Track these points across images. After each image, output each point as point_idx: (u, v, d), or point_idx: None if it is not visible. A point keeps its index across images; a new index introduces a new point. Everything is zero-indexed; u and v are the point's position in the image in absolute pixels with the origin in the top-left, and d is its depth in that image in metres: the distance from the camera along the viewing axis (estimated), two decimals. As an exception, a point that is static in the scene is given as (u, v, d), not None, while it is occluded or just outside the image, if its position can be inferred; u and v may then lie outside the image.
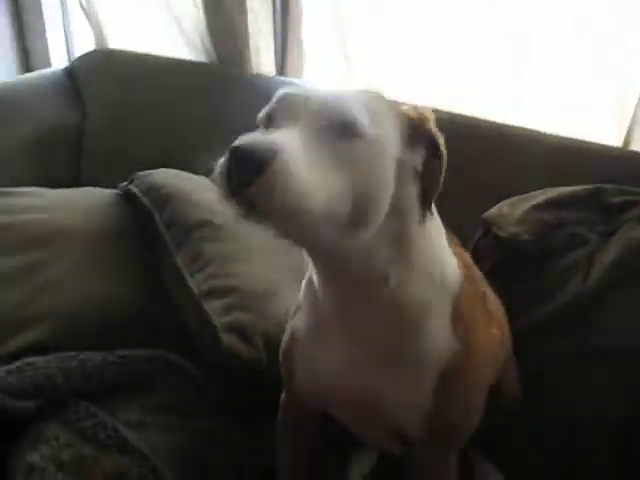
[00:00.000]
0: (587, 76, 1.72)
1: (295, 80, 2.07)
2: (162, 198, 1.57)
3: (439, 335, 1.00)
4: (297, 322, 1.11)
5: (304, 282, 1.10)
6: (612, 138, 1.69)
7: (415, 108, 0.95)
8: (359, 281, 0.95)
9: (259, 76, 2.13)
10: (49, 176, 2.23)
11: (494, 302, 1.23)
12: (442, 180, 0.95)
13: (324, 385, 1.07)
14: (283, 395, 1.23)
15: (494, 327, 1.15)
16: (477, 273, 1.17)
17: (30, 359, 1.30)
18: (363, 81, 2.00)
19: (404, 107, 0.94)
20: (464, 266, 1.08)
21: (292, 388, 1.15)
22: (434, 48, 1.90)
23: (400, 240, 0.95)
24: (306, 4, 2.06)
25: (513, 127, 1.72)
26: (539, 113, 1.78)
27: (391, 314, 0.98)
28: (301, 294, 1.11)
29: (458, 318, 1.02)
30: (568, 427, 1.41)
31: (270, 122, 0.87)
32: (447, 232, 1.06)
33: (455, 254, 1.06)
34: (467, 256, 1.17)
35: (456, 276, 1.04)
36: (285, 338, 1.14)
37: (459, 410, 1.05)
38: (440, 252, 1.02)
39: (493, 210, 1.52)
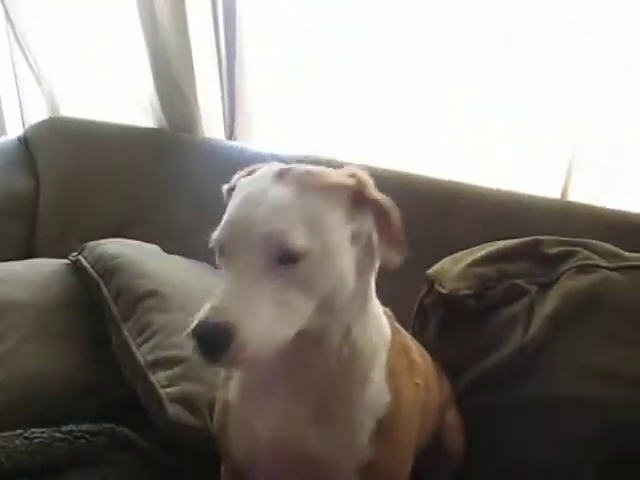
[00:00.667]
0: (526, 128, 1.79)
1: (243, 145, 2.11)
2: (110, 269, 1.58)
3: (378, 385, 1.04)
4: (229, 391, 1.11)
5: None
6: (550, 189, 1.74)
7: (352, 175, 0.97)
8: (322, 339, 0.98)
9: (209, 140, 2.17)
10: (2, 245, 2.24)
11: (417, 353, 1.25)
12: (400, 229, 0.98)
13: (259, 448, 1.07)
14: (222, 466, 1.22)
15: (418, 377, 1.17)
16: (397, 325, 1.19)
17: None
18: (310, 142, 2.05)
19: (339, 177, 0.96)
20: (388, 319, 1.12)
21: (228, 457, 1.15)
22: (377, 104, 1.96)
23: (363, 296, 1.01)
24: (252, 68, 2.11)
25: (460, 184, 1.77)
26: (478, 165, 1.83)
27: (344, 365, 1.01)
28: None
29: (391, 373, 1.06)
30: (517, 473, 1.43)
31: (223, 252, 0.92)
32: None
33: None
34: (386, 309, 1.18)
35: (388, 329, 1.09)
36: (217, 409, 1.14)
37: (394, 457, 1.07)
38: (379, 307, 1.08)
39: (435, 267, 1.56)
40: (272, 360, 0.95)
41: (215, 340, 0.83)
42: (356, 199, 0.95)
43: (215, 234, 0.93)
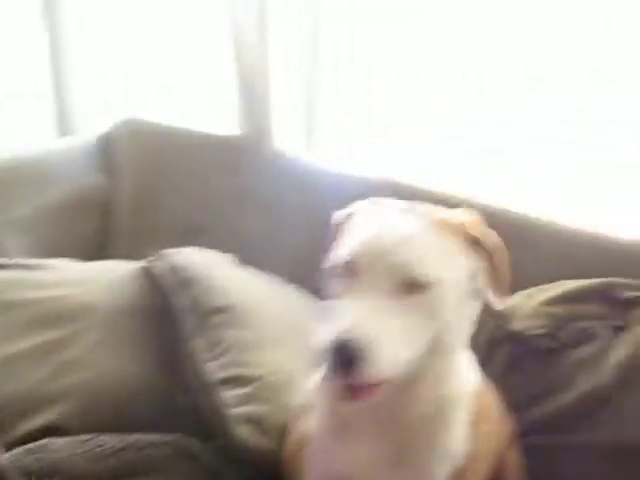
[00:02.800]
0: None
1: (320, 161, 2.13)
2: (183, 281, 1.60)
3: (460, 433, 1.06)
4: (310, 423, 1.13)
5: (319, 382, 1.13)
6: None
7: (467, 216, 1.03)
8: (420, 381, 1.01)
9: (284, 155, 2.19)
10: (78, 241, 2.30)
11: (492, 398, 1.25)
12: (508, 272, 1.05)
13: None
14: None
15: (495, 426, 1.19)
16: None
17: (48, 440, 1.34)
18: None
19: (459, 218, 1.02)
20: None
21: None
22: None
23: (461, 339, 1.05)
24: (335, 85, 2.12)
25: (531, 218, 1.75)
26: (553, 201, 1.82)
27: (430, 408, 1.03)
28: (314, 394, 1.14)
29: (472, 420, 1.08)
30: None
31: (349, 272, 0.95)
32: None
33: None
34: None
35: (474, 373, 1.12)
36: (292, 440, 1.16)
37: None
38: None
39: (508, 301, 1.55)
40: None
41: (350, 355, 0.86)
42: (473, 240, 1.00)
43: (343, 253, 0.96)
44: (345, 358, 0.86)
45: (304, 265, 1.98)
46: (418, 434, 1.04)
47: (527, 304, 1.53)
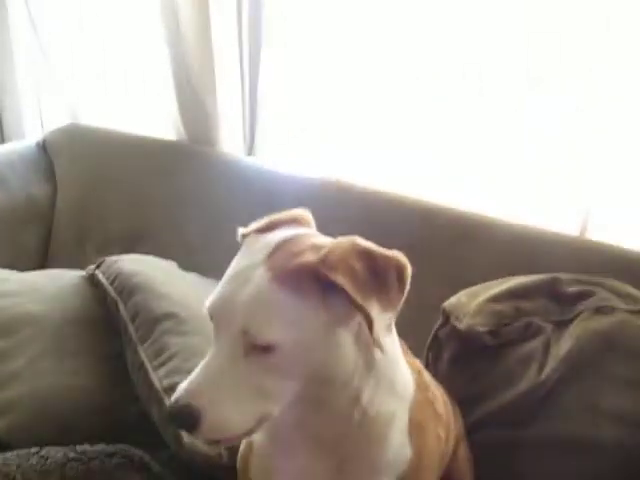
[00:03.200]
0: (546, 166, 1.79)
1: (263, 162, 2.12)
2: (128, 288, 1.58)
3: (398, 443, 1.04)
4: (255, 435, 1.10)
5: None
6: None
7: (326, 255, 0.90)
8: (326, 406, 0.99)
9: (227, 156, 2.18)
10: (18, 250, 2.25)
11: (442, 402, 1.25)
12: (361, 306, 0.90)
13: None
14: None
15: (441, 429, 1.17)
16: (427, 377, 1.20)
17: (-2, 453, 1.31)
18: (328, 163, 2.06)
19: (308, 260, 0.91)
20: (416, 372, 1.11)
21: None
22: (399, 133, 1.97)
23: (368, 363, 0.98)
24: (275, 85, 2.11)
25: (475, 215, 1.77)
26: (498, 199, 1.84)
27: (359, 429, 1.01)
28: None
29: (412, 425, 1.06)
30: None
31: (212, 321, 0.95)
32: (398, 339, 1.09)
33: (407, 362, 1.09)
34: (418, 362, 1.20)
35: (410, 384, 1.08)
36: (242, 446, 1.15)
37: None
38: (398, 363, 1.06)
39: (452, 300, 1.56)
40: (290, 416, 0.98)
41: (183, 422, 0.89)
42: (325, 279, 0.89)
43: (207, 302, 0.95)
44: (180, 423, 0.90)
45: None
46: (352, 448, 1.03)
47: (473, 302, 1.54)
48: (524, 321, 1.51)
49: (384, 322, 0.91)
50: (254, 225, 1.04)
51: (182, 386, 0.91)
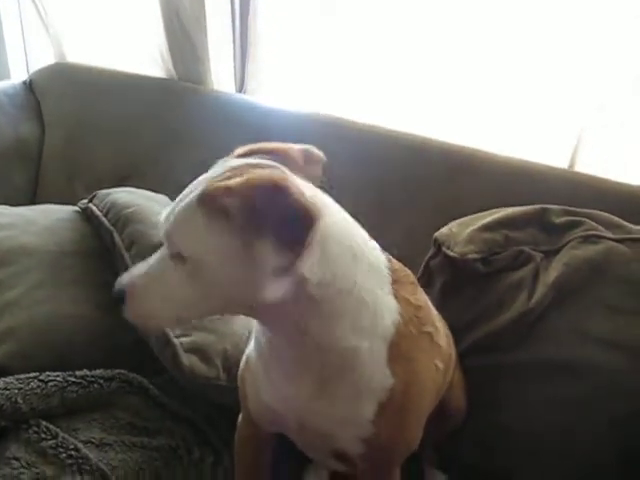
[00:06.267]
0: (535, 100, 1.80)
1: (253, 99, 2.11)
2: (122, 218, 1.59)
3: (374, 374, 1.06)
4: (249, 350, 1.16)
5: None
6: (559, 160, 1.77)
7: (237, 182, 0.91)
8: (283, 331, 1.03)
9: (218, 93, 2.17)
10: (7, 190, 2.24)
11: (443, 334, 1.25)
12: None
13: (268, 410, 1.13)
14: (240, 416, 1.27)
15: (438, 361, 1.18)
16: (425, 313, 1.17)
17: (-3, 377, 1.33)
18: (319, 99, 2.06)
19: (223, 183, 0.93)
20: (411, 308, 1.11)
21: (246, 408, 1.20)
22: (389, 68, 1.96)
23: (310, 296, 0.98)
24: (265, 21, 2.09)
25: (471, 150, 1.79)
26: (489, 133, 1.85)
27: (317, 358, 1.04)
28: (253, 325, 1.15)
29: (395, 359, 1.07)
30: (516, 435, 1.49)
31: None
32: (398, 270, 1.10)
33: (398, 297, 1.08)
34: (421, 296, 1.18)
35: (393, 320, 1.07)
36: (241, 363, 1.18)
37: (400, 434, 1.11)
38: (371, 299, 1.04)
39: (443, 230, 1.58)
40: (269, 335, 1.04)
41: (117, 299, 1.02)
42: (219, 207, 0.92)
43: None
44: (117, 298, 1.02)
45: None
46: (333, 371, 1.05)
47: (464, 231, 1.56)
48: (514, 250, 1.54)
49: (277, 263, 0.89)
50: (239, 149, 1.08)
51: (129, 271, 1.05)
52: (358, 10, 1.96)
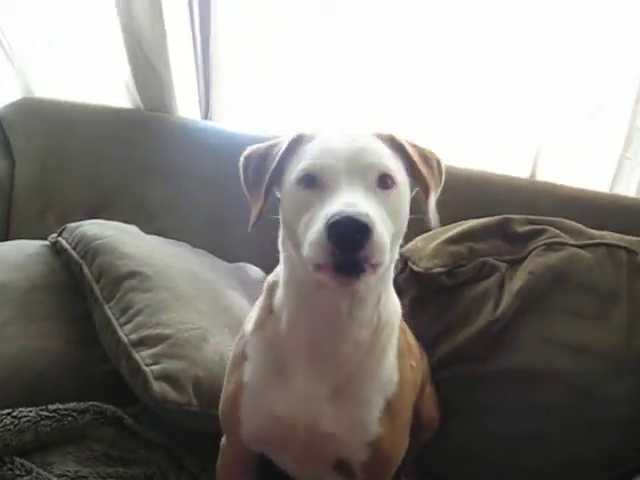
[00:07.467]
0: (496, 112, 1.84)
1: (219, 125, 2.13)
2: (92, 250, 1.59)
3: (392, 362, 1.12)
4: (244, 372, 1.14)
5: (248, 335, 1.16)
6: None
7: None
8: (363, 302, 1.05)
9: (184, 120, 2.19)
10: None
11: (410, 333, 1.31)
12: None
13: (275, 425, 1.12)
14: (223, 440, 1.27)
15: (412, 359, 1.24)
16: None
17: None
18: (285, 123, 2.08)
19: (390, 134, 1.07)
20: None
21: (236, 435, 1.18)
22: (352, 86, 1.99)
23: (393, 262, 1.06)
24: (227, 48, 2.12)
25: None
26: (450, 146, 1.88)
27: (371, 337, 1.08)
28: (247, 347, 1.15)
29: (400, 353, 1.14)
30: (489, 444, 1.51)
31: (315, 180, 0.98)
32: None
33: None
34: None
35: (399, 313, 1.16)
36: (228, 390, 1.17)
37: (398, 434, 1.14)
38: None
39: (409, 245, 1.61)
40: (306, 336, 1.06)
41: (356, 232, 0.87)
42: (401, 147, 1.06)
43: (312, 159, 0.99)
44: (350, 236, 0.87)
45: (214, 230, 2.01)
46: (355, 366, 1.08)
47: (429, 245, 1.59)
48: (479, 261, 1.57)
49: (434, 201, 1.07)
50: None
51: (340, 203, 0.90)
52: (320, 31, 1.99)
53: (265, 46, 2.07)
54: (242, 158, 1.13)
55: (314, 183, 0.97)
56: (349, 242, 0.87)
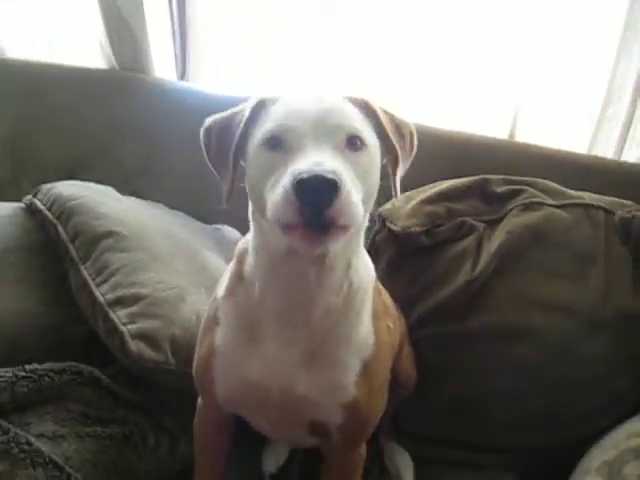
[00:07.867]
0: (475, 73, 1.83)
1: (196, 86, 2.10)
2: (67, 211, 1.57)
3: (366, 326, 1.11)
4: (216, 336, 1.14)
5: (220, 299, 1.15)
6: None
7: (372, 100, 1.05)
8: (331, 269, 1.03)
9: (160, 81, 2.15)
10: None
11: (387, 294, 1.31)
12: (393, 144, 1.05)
13: (249, 389, 1.12)
14: (199, 401, 1.27)
15: (389, 320, 1.24)
16: None
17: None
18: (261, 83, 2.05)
19: (362, 98, 1.05)
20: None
21: (210, 396, 1.18)
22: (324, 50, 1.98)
23: (363, 226, 1.06)
24: (203, 6, 2.08)
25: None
26: (431, 107, 1.87)
27: (343, 302, 1.07)
28: (219, 311, 1.15)
29: (375, 315, 1.13)
30: (468, 403, 1.53)
31: (280, 141, 0.95)
32: None
33: None
34: None
35: (373, 275, 1.15)
36: (201, 352, 1.17)
37: (374, 396, 1.13)
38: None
39: (387, 205, 1.61)
40: (273, 300, 1.05)
41: (324, 190, 0.85)
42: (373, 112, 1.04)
43: (277, 121, 0.96)
44: (317, 193, 0.85)
45: (190, 192, 1.99)
46: (328, 331, 1.08)
47: (406, 205, 1.59)
48: (457, 221, 1.57)
49: (402, 171, 1.06)
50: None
51: (308, 162, 0.88)
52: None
53: (241, 5, 2.03)
54: (202, 130, 1.09)
55: (279, 145, 0.95)
56: (317, 200, 0.85)
